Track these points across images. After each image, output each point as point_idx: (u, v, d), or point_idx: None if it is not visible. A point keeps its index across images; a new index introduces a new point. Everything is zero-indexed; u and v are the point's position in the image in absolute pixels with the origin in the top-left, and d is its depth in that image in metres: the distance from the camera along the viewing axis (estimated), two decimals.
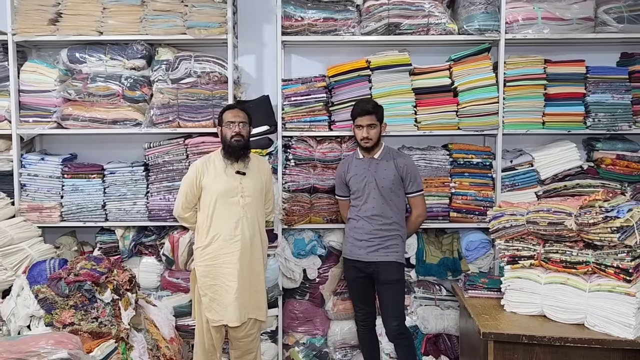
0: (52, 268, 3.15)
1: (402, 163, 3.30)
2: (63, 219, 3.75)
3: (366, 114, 3.26)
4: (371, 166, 3.32)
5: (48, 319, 2.88)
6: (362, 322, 3.45)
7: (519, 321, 2.57)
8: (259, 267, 3.23)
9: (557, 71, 3.65)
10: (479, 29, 3.59)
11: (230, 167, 3.17)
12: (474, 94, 3.64)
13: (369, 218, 3.27)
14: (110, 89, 3.68)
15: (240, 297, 3.12)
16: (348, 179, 3.39)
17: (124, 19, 3.66)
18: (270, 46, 4.01)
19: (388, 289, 3.28)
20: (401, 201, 3.34)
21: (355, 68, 3.67)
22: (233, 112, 3.19)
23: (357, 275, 3.36)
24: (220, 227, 3.14)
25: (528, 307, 2.62)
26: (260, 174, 3.27)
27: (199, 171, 3.20)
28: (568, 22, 3.60)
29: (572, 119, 3.67)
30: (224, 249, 3.13)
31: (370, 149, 3.31)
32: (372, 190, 3.27)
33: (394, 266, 3.25)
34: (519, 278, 2.63)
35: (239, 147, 3.15)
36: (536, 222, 2.54)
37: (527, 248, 2.61)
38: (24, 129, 3.74)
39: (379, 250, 3.25)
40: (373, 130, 3.27)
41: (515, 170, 3.73)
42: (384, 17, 3.61)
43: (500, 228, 2.69)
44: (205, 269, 3.18)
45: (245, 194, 3.15)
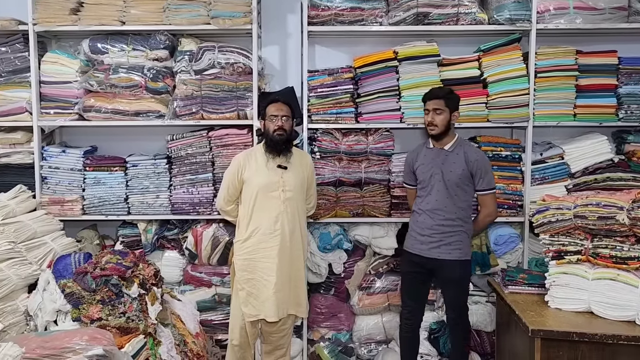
0: (78, 262, 3.11)
1: (474, 158, 3.11)
2: (85, 212, 3.70)
3: (434, 98, 3.11)
4: (439, 157, 3.18)
5: (75, 314, 2.84)
6: (406, 319, 3.32)
7: (566, 318, 2.51)
8: (299, 262, 3.19)
9: (588, 62, 3.59)
10: (509, 19, 3.52)
11: (272, 161, 3.15)
12: (504, 85, 3.57)
13: (430, 212, 3.15)
14: (133, 80, 3.62)
15: (279, 292, 3.09)
16: (415, 168, 3.28)
17: (147, 9, 3.59)
18: (295, 36, 3.94)
19: (449, 287, 3.18)
20: (468, 197, 3.16)
21: (383, 59, 3.60)
22: (276, 106, 3.17)
23: (415, 269, 3.23)
24: (260, 221, 3.11)
25: (574, 304, 2.56)
26: (302, 169, 3.24)
27: (240, 164, 3.19)
28: (601, 12, 3.53)
29: (603, 111, 3.61)
30: (263, 243, 3.11)
31: (439, 137, 3.16)
32: (437, 183, 3.14)
33: (456, 265, 3.09)
34: (564, 274, 2.57)
35: (281, 141, 3.13)
36: (584, 216, 2.47)
37: (574, 243, 2.54)
38: (45, 121, 3.68)
39: (441, 247, 3.10)
40: (439, 116, 3.09)
41: (545, 163, 3.66)
42: (412, 7, 3.54)
43: (545, 222, 2.62)
44: (244, 262, 3.15)
45: (286, 188, 3.13)
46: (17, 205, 3.38)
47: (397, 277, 3.74)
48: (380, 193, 3.68)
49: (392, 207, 3.70)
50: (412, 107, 3.60)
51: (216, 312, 3.77)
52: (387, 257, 3.77)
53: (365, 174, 3.68)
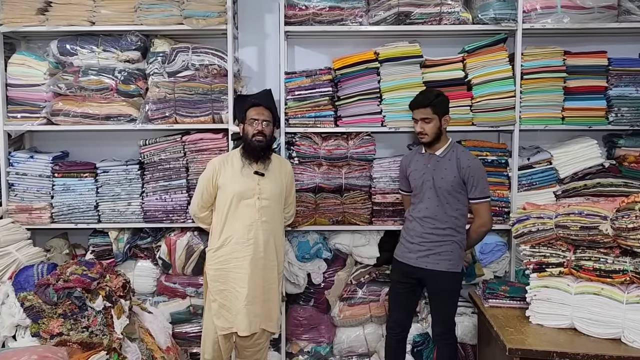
0: (40, 273, 2.98)
1: (466, 164, 2.96)
2: (53, 220, 3.58)
3: (420, 107, 2.99)
4: (430, 163, 3.04)
5: (35, 329, 2.72)
6: (392, 329, 3.19)
7: (547, 335, 2.37)
8: (272, 274, 3.06)
9: (577, 63, 3.47)
10: (494, 18, 3.40)
11: (249, 167, 3.05)
12: (489, 87, 3.45)
13: (420, 219, 3.01)
14: (103, 82, 3.50)
15: (251, 305, 2.97)
16: (408, 174, 3.15)
17: (118, 8, 3.47)
18: (273, 37, 3.81)
19: (436, 300, 3.04)
20: (461, 205, 3.00)
21: (363, 60, 3.47)
22: (257, 110, 3.07)
23: (403, 279, 3.10)
24: (233, 229, 3.01)
25: (557, 320, 2.42)
26: (281, 176, 3.13)
27: (215, 169, 3.08)
28: (589, 11, 3.41)
29: (593, 114, 3.49)
30: (236, 252, 2.99)
31: (430, 144, 3.03)
32: (428, 190, 3.00)
33: (444, 276, 2.93)
34: (546, 287, 2.43)
35: (260, 148, 3.03)
36: (566, 226, 2.33)
37: (556, 254, 2.40)
38: (12, 126, 3.55)
39: (430, 256, 2.96)
40: (428, 124, 2.98)
41: (532, 168, 3.54)
42: (393, 6, 3.42)
43: (526, 232, 2.48)
44: (216, 272, 3.04)
45: (262, 196, 3.01)
46: None
47: (379, 288, 3.63)
48: (361, 200, 3.55)
49: (374, 215, 3.57)
50: (393, 110, 3.48)
51: (191, 324, 3.65)
52: (368, 267, 3.64)
53: (345, 180, 3.55)
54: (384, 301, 3.58)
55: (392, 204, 3.53)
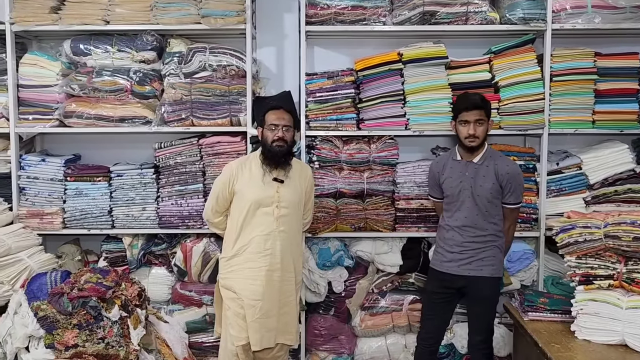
0: (54, 282, 2.89)
1: (505, 170, 2.87)
2: (65, 226, 3.48)
3: (474, 108, 2.86)
4: (468, 171, 2.93)
5: (49, 340, 2.63)
6: (424, 340, 3.06)
7: (597, 352, 2.23)
8: (289, 286, 2.93)
9: (608, 65, 3.37)
10: (523, 18, 3.29)
11: (268, 173, 2.91)
12: (517, 89, 3.35)
13: (459, 228, 2.90)
14: (118, 83, 3.41)
15: (264, 318, 2.84)
16: (442, 181, 3.03)
17: (133, 7, 3.39)
18: (292, 37, 3.71)
19: (478, 305, 2.93)
20: (499, 211, 2.92)
21: (386, 61, 3.37)
22: (277, 114, 2.93)
23: (441, 289, 2.98)
24: (249, 238, 2.87)
25: (606, 335, 2.29)
26: (301, 182, 3.00)
27: (233, 174, 2.95)
28: (621, 11, 3.32)
29: (624, 117, 3.40)
30: (250, 262, 2.86)
31: (472, 150, 2.92)
32: (467, 199, 2.89)
33: (487, 282, 2.86)
34: (593, 301, 2.29)
35: (280, 154, 2.89)
36: (617, 236, 2.21)
37: (605, 266, 2.26)
38: (23, 128, 3.46)
39: (472, 263, 2.86)
40: (481, 127, 2.87)
41: (562, 173, 3.43)
42: (418, 5, 3.32)
43: (572, 242, 2.35)
44: (228, 282, 2.91)
45: (281, 204, 2.89)
46: None
47: (402, 296, 3.53)
48: (384, 205, 3.44)
49: (397, 221, 3.46)
50: (417, 112, 3.38)
51: (207, 334, 3.55)
52: (391, 275, 3.53)
53: (367, 185, 3.44)
54: (407, 311, 3.47)
55: (417, 209, 3.43)
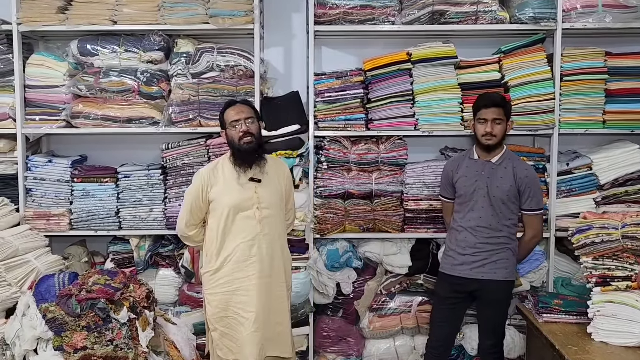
0: (62, 283, 2.88)
1: (524, 174, 2.84)
2: (72, 227, 3.47)
3: (493, 106, 2.83)
4: (485, 170, 2.90)
5: (57, 342, 2.62)
6: (434, 349, 3.02)
7: (616, 355, 2.21)
8: (281, 292, 2.76)
9: (619, 64, 3.37)
10: (533, 18, 3.28)
11: (243, 174, 2.72)
12: (528, 89, 3.34)
13: (473, 229, 2.87)
14: (125, 84, 3.40)
15: (260, 330, 2.67)
16: (456, 180, 2.99)
17: (141, 7, 3.37)
18: (300, 37, 3.70)
19: (490, 309, 2.89)
20: (514, 214, 2.88)
21: (395, 61, 3.36)
22: (235, 109, 2.73)
23: (452, 294, 2.94)
24: (233, 247, 2.68)
25: (624, 338, 2.26)
26: (279, 180, 2.82)
27: (205, 181, 2.74)
28: (632, 10, 3.32)
29: (635, 118, 3.39)
30: (238, 272, 2.68)
31: (490, 149, 2.89)
32: (482, 199, 2.86)
33: (501, 285, 2.82)
34: (611, 302, 2.28)
35: (252, 150, 2.70)
36: (636, 237, 2.19)
37: (623, 267, 2.25)
38: (30, 129, 3.45)
39: (486, 266, 2.82)
40: (499, 126, 2.83)
41: (572, 174, 3.41)
42: (427, 5, 3.31)
43: (588, 243, 2.33)
44: (216, 297, 2.72)
45: (262, 206, 2.70)
46: None
47: (411, 298, 3.51)
48: (392, 206, 3.42)
49: (406, 222, 3.45)
50: (427, 113, 3.37)
51: None
52: (400, 276, 3.51)
53: (376, 186, 3.43)
54: (416, 312, 3.45)
55: (426, 210, 3.41)
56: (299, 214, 3.29)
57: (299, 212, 3.30)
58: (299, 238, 3.35)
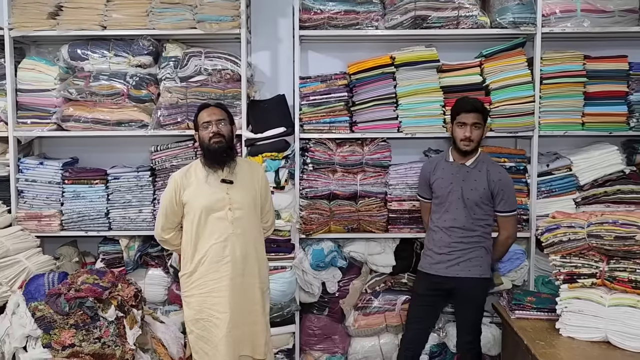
0: (51, 283, 2.93)
1: (497, 177, 2.93)
2: (63, 228, 3.52)
3: (473, 111, 2.91)
4: (460, 173, 2.98)
5: (46, 340, 2.68)
6: (408, 342, 3.10)
7: (580, 349, 2.29)
8: (254, 293, 2.77)
9: (597, 68, 3.42)
10: (513, 22, 3.33)
11: (214, 175, 2.75)
12: (508, 92, 3.40)
13: (447, 229, 2.95)
14: (114, 87, 3.45)
15: (234, 330, 2.68)
16: (432, 181, 3.07)
17: (129, 12, 3.43)
18: (286, 42, 3.76)
19: (466, 306, 2.97)
20: (488, 215, 2.97)
21: (379, 65, 3.42)
22: (208, 111, 2.77)
23: (429, 291, 3.02)
24: (206, 248, 2.70)
25: (589, 332, 2.34)
26: (253, 182, 2.84)
27: (178, 185, 2.76)
28: (610, 14, 3.36)
29: (613, 120, 3.44)
30: (212, 273, 2.70)
31: (466, 153, 2.97)
32: (456, 201, 2.94)
33: (475, 283, 2.90)
34: (577, 299, 2.35)
35: (221, 150, 2.71)
36: (600, 235, 2.26)
37: (588, 265, 2.32)
38: (22, 131, 3.51)
39: (460, 264, 2.90)
40: (477, 130, 2.91)
41: (552, 175, 3.47)
42: (410, 10, 3.36)
43: (556, 242, 2.40)
44: (192, 299, 2.76)
45: (234, 206, 2.72)
46: None
47: (395, 297, 3.56)
48: (376, 207, 3.48)
49: (390, 222, 3.50)
50: (410, 115, 3.43)
51: None
52: (384, 275, 3.57)
53: (360, 187, 3.49)
54: (400, 310, 3.51)
55: (409, 211, 3.47)
56: (285, 215, 3.37)
57: (284, 212, 3.38)
58: (284, 238, 3.41)
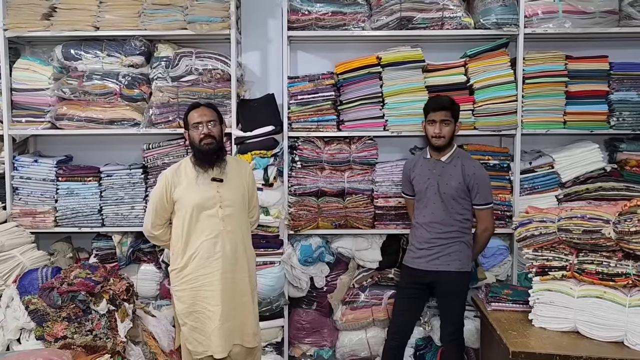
0: (44, 277, 3.01)
1: (471, 171, 3.01)
2: (57, 224, 3.59)
3: (441, 109, 3.00)
4: (436, 169, 3.07)
5: (39, 332, 2.75)
6: (394, 334, 3.19)
7: (550, 338, 2.37)
8: (243, 286, 2.84)
9: (578, 67, 3.49)
10: (496, 23, 3.40)
11: (204, 174, 2.81)
12: (491, 91, 3.47)
13: (427, 225, 3.03)
14: (107, 87, 3.52)
15: (227, 322, 2.76)
16: (412, 178, 3.16)
17: (122, 14, 3.50)
18: (275, 42, 3.83)
19: (448, 301, 3.06)
20: (466, 210, 3.05)
21: (365, 65, 3.49)
22: (199, 111, 2.82)
23: (412, 285, 3.11)
24: (197, 244, 2.77)
25: (559, 323, 2.42)
26: (242, 179, 2.91)
27: (169, 182, 2.81)
28: (591, 16, 3.42)
29: (595, 118, 3.51)
30: (203, 269, 2.76)
31: (439, 149, 3.05)
32: (433, 196, 3.02)
33: (455, 276, 2.98)
34: (548, 290, 2.43)
35: (211, 151, 2.78)
36: (569, 229, 2.34)
37: (559, 258, 2.40)
38: (17, 130, 3.58)
39: (440, 258, 2.99)
40: (447, 127, 3.00)
41: (534, 172, 3.55)
42: (395, 11, 3.43)
43: (528, 236, 2.49)
44: (183, 293, 2.81)
45: (224, 204, 2.78)
46: None
47: (382, 291, 3.63)
48: (363, 204, 3.56)
49: (376, 218, 3.58)
50: (395, 114, 3.50)
51: None
52: (371, 270, 3.64)
53: (348, 184, 3.56)
54: (387, 305, 3.58)
55: (395, 207, 3.54)
56: (274, 211, 3.44)
57: (273, 209, 3.45)
58: (273, 234, 3.48)
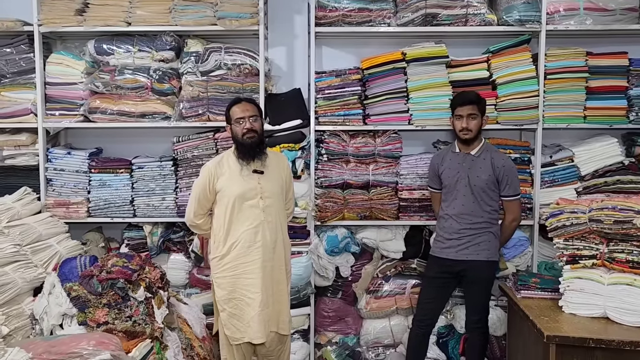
0: (83, 265, 3.07)
1: (501, 164, 3.11)
2: (90, 214, 3.67)
3: (468, 104, 3.10)
4: (466, 162, 3.16)
5: (81, 318, 2.82)
6: (419, 321, 3.29)
7: (581, 323, 2.47)
8: (280, 275, 2.95)
9: (599, 64, 3.56)
10: (519, 20, 3.48)
11: (246, 167, 2.91)
12: (513, 87, 3.54)
13: (457, 216, 3.13)
14: (139, 81, 3.60)
15: (265, 309, 2.86)
16: (441, 172, 3.25)
17: (153, 9, 3.57)
18: (301, 38, 3.91)
19: (475, 287, 3.15)
20: (494, 202, 3.15)
21: (391, 60, 3.57)
22: (241, 107, 2.91)
23: (440, 274, 3.20)
24: (238, 233, 2.87)
25: (589, 309, 2.53)
26: (280, 172, 3.02)
27: (212, 174, 2.92)
28: (611, 13, 3.50)
29: (614, 113, 3.58)
30: (244, 257, 2.86)
31: (468, 142, 3.15)
32: (463, 188, 3.12)
33: (483, 265, 3.09)
34: (579, 278, 2.53)
35: (254, 144, 2.88)
36: (600, 220, 2.43)
37: (589, 247, 2.50)
38: (50, 123, 3.65)
39: (469, 247, 3.09)
40: (473, 121, 3.10)
41: (555, 165, 3.63)
42: (420, 8, 3.51)
43: (559, 226, 2.58)
44: (224, 280, 2.91)
45: (265, 195, 2.89)
46: (22, 207, 3.34)
47: (405, 281, 3.72)
48: (388, 196, 3.64)
49: (400, 210, 3.66)
50: (420, 108, 3.58)
51: None
52: (394, 261, 3.73)
53: (373, 177, 3.65)
54: (410, 294, 3.67)
55: (419, 199, 3.62)
56: (301, 202, 3.54)
57: (301, 200, 3.55)
58: (300, 225, 3.58)
